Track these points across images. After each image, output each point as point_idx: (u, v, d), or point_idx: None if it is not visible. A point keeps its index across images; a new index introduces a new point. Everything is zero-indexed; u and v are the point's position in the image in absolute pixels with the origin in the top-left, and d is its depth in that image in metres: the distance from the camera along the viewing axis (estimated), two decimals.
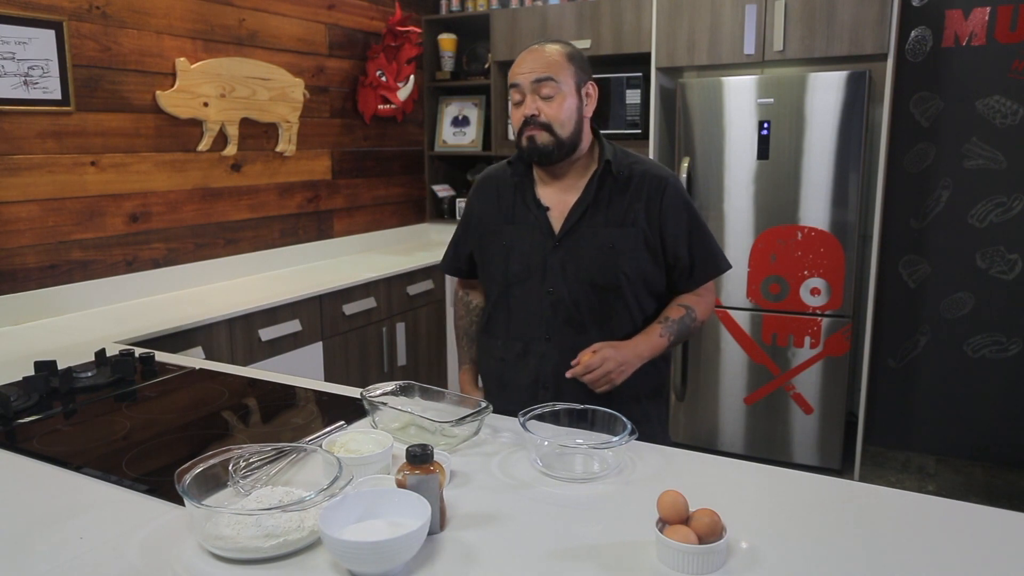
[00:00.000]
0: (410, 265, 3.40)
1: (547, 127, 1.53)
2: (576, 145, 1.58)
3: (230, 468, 1.11)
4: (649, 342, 1.56)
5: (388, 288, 3.26)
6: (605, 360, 1.48)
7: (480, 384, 1.81)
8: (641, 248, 1.57)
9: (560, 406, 1.35)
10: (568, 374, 1.50)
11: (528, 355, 1.64)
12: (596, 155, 1.64)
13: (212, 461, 1.08)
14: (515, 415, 1.31)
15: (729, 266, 1.69)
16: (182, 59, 2.81)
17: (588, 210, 1.58)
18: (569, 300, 1.58)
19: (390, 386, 1.45)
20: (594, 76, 1.64)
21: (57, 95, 2.42)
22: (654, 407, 1.69)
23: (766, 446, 3.27)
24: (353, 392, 1.63)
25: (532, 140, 1.54)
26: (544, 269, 1.60)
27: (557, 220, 1.60)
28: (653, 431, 1.65)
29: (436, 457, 1.06)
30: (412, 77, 3.82)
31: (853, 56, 3.03)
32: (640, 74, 3.53)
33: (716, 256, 1.66)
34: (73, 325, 2.36)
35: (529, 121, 1.53)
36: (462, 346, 1.88)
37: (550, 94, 1.52)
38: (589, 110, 1.60)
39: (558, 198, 1.62)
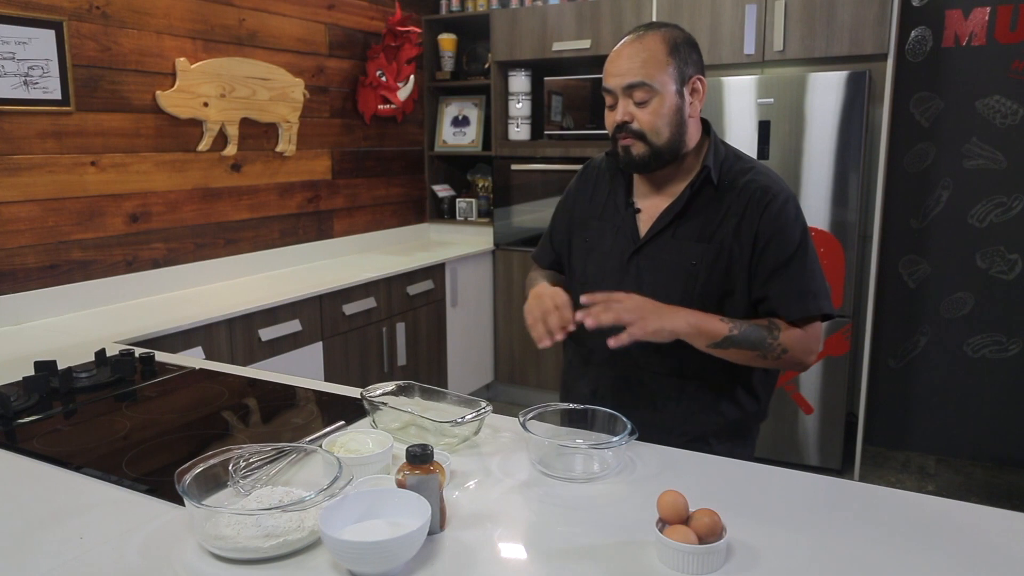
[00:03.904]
0: (410, 265, 3.40)
1: (640, 136, 1.39)
2: (676, 151, 1.42)
3: (230, 468, 1.11)
4: (700, 320, 1.34)
5: (388, 288, 3.26)
6: (623, 300, 1.30)
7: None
8: (723, 269, 1.40)
9: (560, 406, 1.34)
10: (584, 299, 1.32)
11: (590, 364, 1.53)
12: (702, 157, 1.46)
13: (212, 461, 1.08)
14: (518, 415, 1.31)
15: (828, 311, 1.39)
16: (182, 59, 2.81)
17: (676, 219, 1.43)
18: None
19: (390, 386, 1.44)
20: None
21: (57, 95, 2.42)
22: (720, 449, 1.45)
23: (766, 446, 3.27)
24: (353, 392, 1.63)
25: (627, 151, 1.41)
26: (621, 275, 1.47)
27: (645, 224, 1.47)
28: None
29: (436, 457, 1.06)
30: (412, 77, 3.82)
31: (853, 56, 3.03)
32: None
33: (810, 295, 1.39)
34: (73, 325, 2.36)
35: (622, 128, 1.40)
36: (535, 277, 1.63)
37: (644, 99, 1.37)
38: (695, 109, 1.43)
39: (652, 201, 1.48)
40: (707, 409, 1.46)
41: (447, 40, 4.15)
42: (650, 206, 1.48)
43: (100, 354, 1.81)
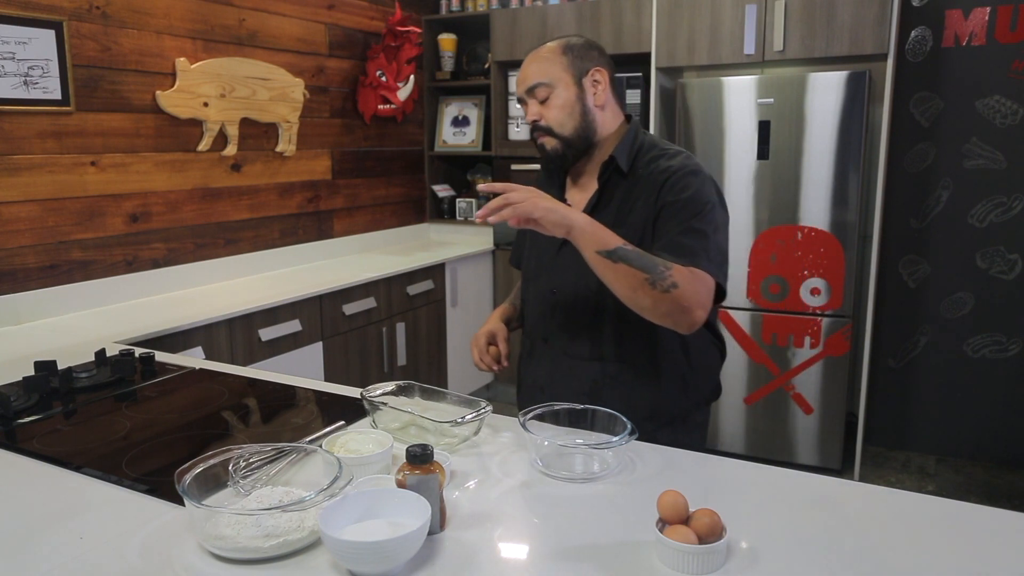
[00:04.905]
0: (410, 265, 3.40)
1: (549, 131, 1.50)
2: (588, 140, 1.51)
3: (230, 468, 1.11)
4: (595, 223, 1.33)
5: (388, 288, 3.26)
6: (517, 188, 1.32)
7: (505, 323, 1.70)
8: None
9: (560, 406, 1.35)
10: (481, 188, 1.38)
11: (532, 356, 1.65)
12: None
13: (212, 461, 1.08)
14: (517, 415, 1.31)
15: (706, 269, 1.34)
16: (182, 59, 2.82)
17: (594, 210, 1.51)
18: (568, 303, 1.54)
19: (390, 386, 1.44)
20: None
21: (57, 95, 2.42)
22: (661, 435, 1.43)
23: (766, 446, 3.27)
24: (353, 392, 1.63)
25: (543, 148, 1.52)
26: (552, 267, 1.57)
27: None
28: None
29: (436, 457, 1.06)
30: (412, 77, 3.82)
31: (853, 56, 3.03)
32: (640, 74, 3.53)
33: (689, 248, 1.35)
34: (73, 325, 2.36)
35: (535, 128, 1.52)
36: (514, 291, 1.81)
37: (545, 96, 1.49)
38: (600, 98, 1.50)
39: (579, 196, 1.57)
40: (632, 393, 1.51)
41: (447, 40, 4.15)
42: (578, 201, 1.56)
43: (100, 354, 1.81)
